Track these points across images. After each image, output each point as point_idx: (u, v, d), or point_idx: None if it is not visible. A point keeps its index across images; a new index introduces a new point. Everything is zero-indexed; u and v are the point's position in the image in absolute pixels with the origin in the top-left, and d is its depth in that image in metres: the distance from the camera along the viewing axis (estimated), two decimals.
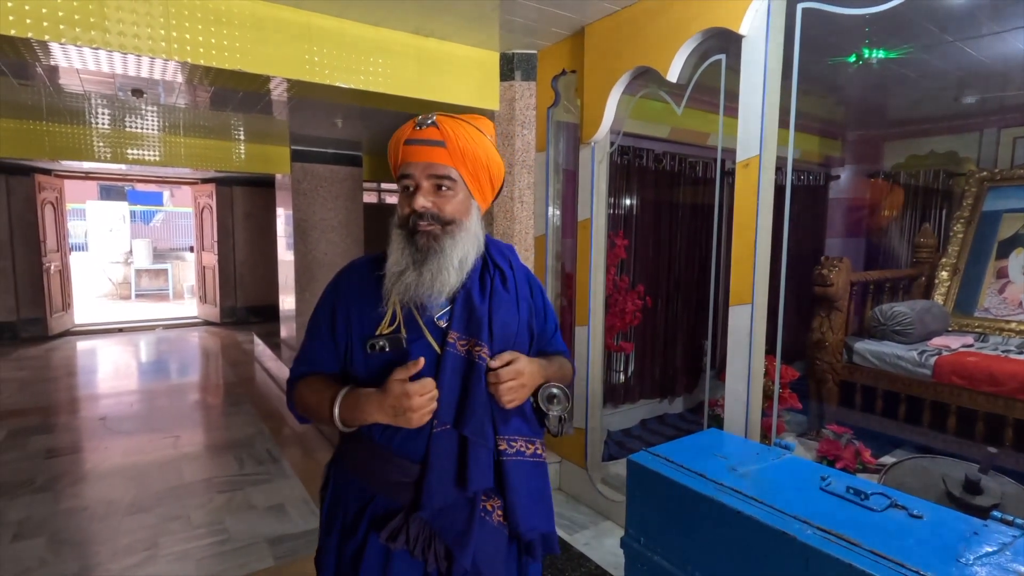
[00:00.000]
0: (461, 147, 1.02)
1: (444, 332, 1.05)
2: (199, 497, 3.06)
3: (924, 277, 3.89)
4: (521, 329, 1.12)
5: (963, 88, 3.66)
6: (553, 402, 1.10)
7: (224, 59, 2.24)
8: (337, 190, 5.74)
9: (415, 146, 1.02)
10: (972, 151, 4.23)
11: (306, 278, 5.64)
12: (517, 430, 1.09)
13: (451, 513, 1.03)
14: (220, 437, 3.99)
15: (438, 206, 1.02)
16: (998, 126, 4.08)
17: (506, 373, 1.03)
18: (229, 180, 8.00)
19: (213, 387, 5.36)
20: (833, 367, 3.21)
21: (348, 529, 1.08)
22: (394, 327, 1.05)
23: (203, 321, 8.56)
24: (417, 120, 1.04)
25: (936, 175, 4.33)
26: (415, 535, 1.01)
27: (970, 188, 3.92)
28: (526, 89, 2.81)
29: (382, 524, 1.03)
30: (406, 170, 1.03)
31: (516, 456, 1.07)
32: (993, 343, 3.29)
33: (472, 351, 1.04)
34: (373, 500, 1.06)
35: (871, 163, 4.72)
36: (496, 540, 1.05)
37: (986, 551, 1.15)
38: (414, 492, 1.02)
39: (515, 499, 1.05)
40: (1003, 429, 2.67)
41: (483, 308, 1.06)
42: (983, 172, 3.94)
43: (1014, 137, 4.03)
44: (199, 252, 8.59)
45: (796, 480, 1.49)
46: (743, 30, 1.82)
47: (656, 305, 3.61)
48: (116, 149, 4.90)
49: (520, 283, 1.16)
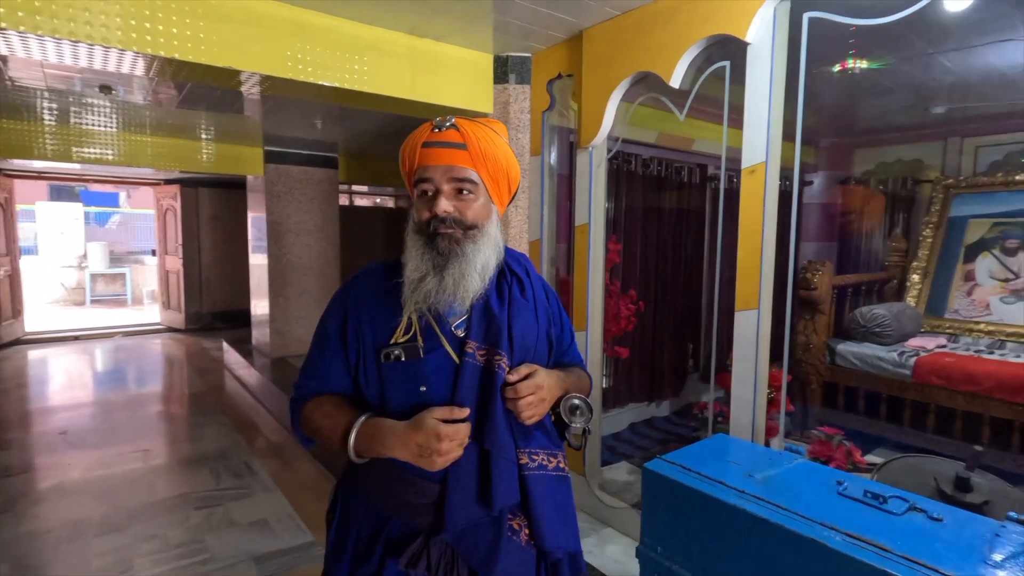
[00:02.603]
0: (483, 150, 0.98)
1: (462, 342, 1.00)
2: (175, 514, 2.91)
3: (896, 280, 4.03)
4: (540, 338, 1.09)
5: (932, 99, 3.81)
6: (576, 414, 1.05)
7: (201, 53, 2.12)
8: (312, 192, 5.59)
9: (435, 149, 0.98)
10: (937, 159, 4.42)
11: (280, 282, 5.46)
12: (539, 443, 1.05)
13: (475, 534, 0.97)
14: (192, 450, 3.81)
15: (459, 210, 0.98)
16: (961, 135, 4.27)
17: (525, 387, 0.98)
18: (195, 181, 7.70)
19: (181, 397, 5.13)
20: (817, 369, 3.28)
21: (361, 554, 1.01)
22: (410, 336, 1.00)
23: (166, 328, 8.20)
24: (435, 123, 1.00)
25: (904, 182, 4.51)
26: (436, 559, 0.95)
27: (937, 195, 4.09)
28: (521, 92, 2.78)
29: (399, 548, 0.97)
30: (424, 174, 0.98)
31: (539, 470, 1.03)
32: (964, 343, 3.43)
33: (492, 361, 1.00)
34: (389, 522, 1.00)
35: (843, 169, 4.88)
36: (524, 561, 1.00)
37: (1011, 552, 1.18)
38: (434, 513, 0.97)
39: (540, 516, 1.00)
40: (981, 427, 2.78)
41: (502, 316, 1.02)
42: (949, 179, 4.12)
43: (976, 146, 4.23)
44: (162, 256, 8.23)
45: (813, 485, 1.50)
46: (749, 37, 1.84)
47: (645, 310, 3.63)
48: (76, 147, 4.64)
49: (538, 291, 1.12)
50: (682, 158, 3.88)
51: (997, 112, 3.95)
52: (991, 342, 3.37)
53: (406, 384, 0.99)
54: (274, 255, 5.41)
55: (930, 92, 3.65)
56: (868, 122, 4.53)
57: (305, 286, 5.62)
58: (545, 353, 1.10)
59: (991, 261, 3.69)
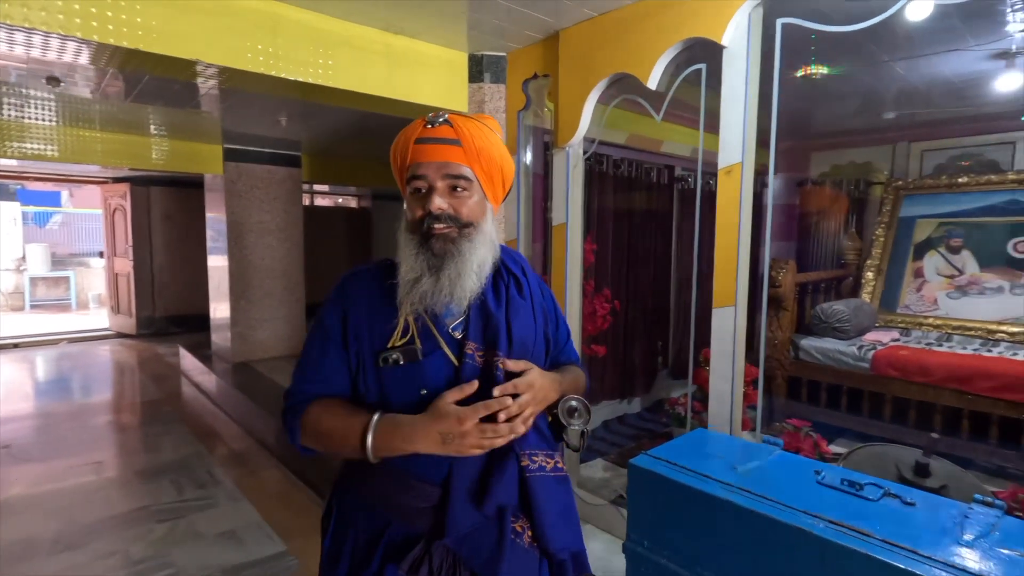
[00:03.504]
0: (477, 146, 0.96)
1: (461, 343, 0.99)
2: (136, 528, 2.76)
3: (852, 277, 4.22)
4: (538, 337, 1.08)
5: (884, 104, 4.01)
6: (574, 415, 1.05)
7: (154, 42, 1.99)
8: (275, 191, 5.42)
9: (428, 145, 0.95)
10: (887, 162, 4.66)
11: (242, 285, 5.28)
12: (536, 444, 1.04)
13: (478, 537, 0.95)
14: (151, 460, 3.63)
15: (454, 208, 0.96)
16: (909, 140, 4.51)
17: (522, 385, 0.97)
18: (146, 179, 7.35)
19: (134, 405, 4.88)
20: (782, 364, 3.40)
21: (360, 560, 0.98)
22: (407, 339, 0.97)
23: (116, 333, 7.80)
24: (428, 118, 0.97)
25: (857, 183, 4.72)
26: (438, 564, 0.93)
27: (888, 196, 4.30)
28: (496, 92, 2.77)
29: (400, 553, 0.94)
30: (417, 170, 0.96)
31: (539, 472, 1.01)
32: (915, 337, 3.62)
33: (491, 362, 0.98)
34: (388, 527, 0.97)
35: (800, 171, 5.08)
36: (528, 563, 0.98)
37: (980, 532, 1.24)
38: (435, 517, 0.95)
39: (542, 517, 0.98)
40: (934, 415, 2.93)
41: (500, 316, 1.01)
42: (898, 181, 4.34)
43: (922, 150, 4.48)
44: (110, 258, 7.83)
45: (793, 475, 1.55)
46: (725, 41, 1.88)
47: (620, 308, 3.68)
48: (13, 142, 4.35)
49: (534, 289, 1.11)
50: (651, 159, 3.96)
51: (942, 118, 4.19)
52: (939, 335, 3.57)
53: (406, 388, 0.97)
54: (235, 256, 5.22)
55: (882, 98, 3.84)
56: (824, 125, 4.73)
57: (268, 288, 5.45)
58: (543, 353, 1.09)
59: (938, 259, 3.91)
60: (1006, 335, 3.37)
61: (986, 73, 3.18)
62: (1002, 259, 3.63)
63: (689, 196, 4.26)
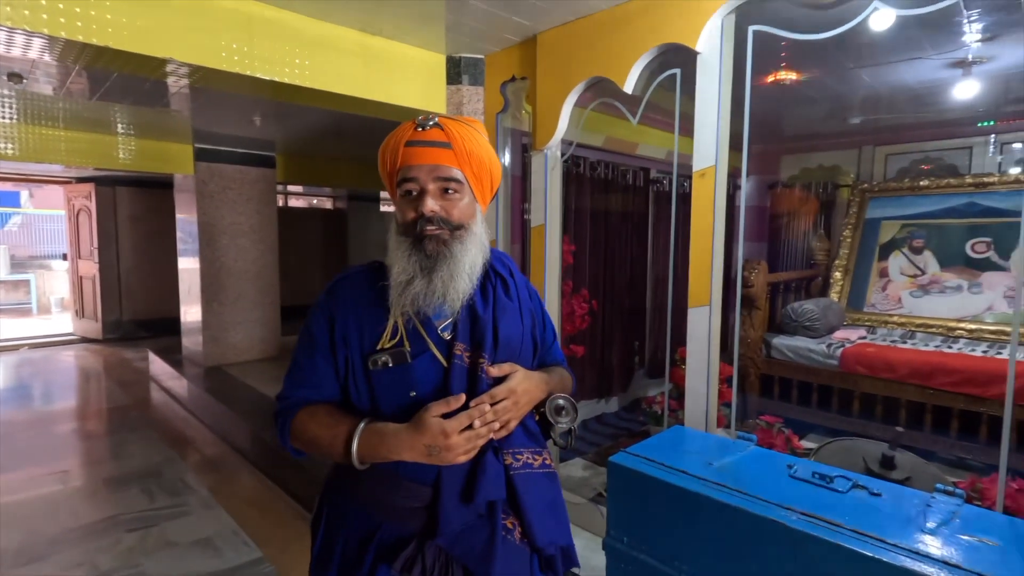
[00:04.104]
0: (467, 148, 0.98)
1: (449, 344, 1.00)
2: (104, 538, 2.69)
3: (821, 277, 4.34)
4: (525, 339, 1.09)
5: (850, 109, 4.15)
6: (561, 414, 1.07)
7: (124, 40, 1.95)
8: (248, 192, 5.32)
9: (419, 148, 0.97)
10: (853, 165, 4.81)
11: (214, 287, 5.17)
12: (522, 443, 1.05)
13: (470, 536, 0.97)
14: (119, 468, 3.53)
15: (445, 210, 0.97)
16: (874, 144, 4.67)
17: (500, 392, 0.98)
18: (111, 179, 7.14)
19: (100, 412, 4.74)
20: (755, 362, 3.48)
21: (350, 562, 0.99)
22: (396, 341, 0.98)
23: (80, 338, 7.56)
24: (417, 121, 0.99)
25: (825, 186, 4.87)
26: (431, 563, 0.94)
27: (855, 198, 4.44)
28: (474, 94, 2.78)
29: (391, 554, 0.95)
30: (409, 173, 0.97)
31: (524, 469, 1.03)
32: (881, 334, 3.74)
33: (477, 363, 1.00)
34: (379, 528, 0.98)
35: (771, 174, 5.21)
36: (520, 559, 1.01)
37: (942, 520, 1.30)
38: (426, 517, 0.96)
39: (530, 513, 1.01)
40: (899, 410, 3.04)
41: (487, 317, 1.02)
42: (864, 184, 4.49)
43: (886, 154, 4.64)
44: (74, 260, 7.58)
45: (767, 470, 1.59)
46: (699, 47, 1.93)
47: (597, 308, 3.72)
48: None
49: (521, 291, 1.13)
50: (627, 162, 4.01)
51: (904, 123, 4.35)
52: (903, 332, 3.70)
53: (395, 390, 0.97)
54: (207, 258, 5.11)
55: (848, 103, 3.97)
56: (793, 129, 4.86)
57: (242, 291, 5.35)
58: (530, 354, 1.11)
59: (901, 259, 4.05)
60: (965, 332, 3.51)
61: (944, 81, 3.32)
62: (961, 259, 3.78)
63: (664, 198, 4.33)
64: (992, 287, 3.60)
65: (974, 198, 3.86)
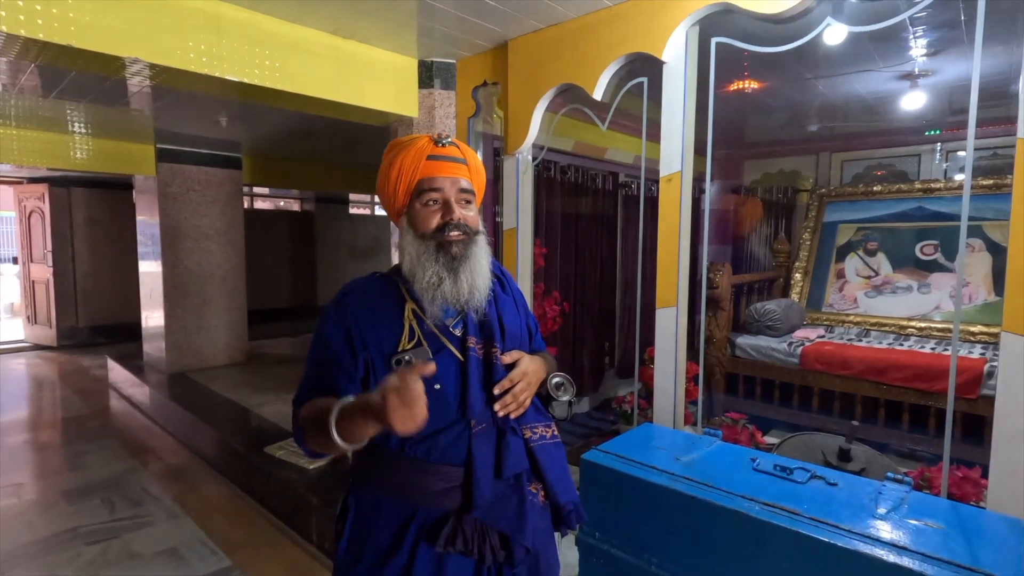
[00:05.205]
0: (475, 165, 1.14)
1: (462, 339, 1.10)
2: (63, 552, 2.59)
3: (782, 279, 4.50)
4: (523, 328, 1.22)
5: (808, 117, 4.33)
6: (561, 389, 1.19)
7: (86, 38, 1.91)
8: (213, 194, 5.20)
9: (442, 162, 1.08)
10: (811, 171, 5.01)
11: (177, 292, 5.03)
12: (534, 419, 1.16)
13: (501, 504, 1.07)
14: (77, 479, 3.41)
15: (466, 219, 1.09)
16: (830, 151, 4.88)
17: (516, 376, 1.10)
18: (66, 180, 6.88)
19: (56, 422, 4.55)
20: (720, 361, 3.59)
21: (386, 551, 1.05)
22: (415, 342, 1.06)
23: (32, 345, 7.24)
24: (434, 137, 1.10)
25: (786, 191, 5.06)
26: (471, 534, 1.03)
27: (813, 202, 4.63)
28: (446, 98, 2.80)
29: (432, 534, 1.03)
30: (434, 184, 1.07)
31: (540, 440, 1.15)
32: (839, 333, 3.91)
33: (490, 353, 1.11)
34: (416, 513, 1.05)
35: (734, 179, 5.38)
36: (544, 518, 1.14)
37: (892, 506, 1.38)
38: (461, 494, 1.05)
39: (551, 478, 1.13)
40: (855, 405, 3.18)
41: (492, 312, 1.14)
42: (822, 189, 4.68)
43: (842, 160, 4.85)
44: (26, 264, 7.26)
45: (731, 463, 1.66)
46: (665, 57, 2.00)
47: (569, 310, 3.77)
48: None
49: (513, 287, 1.27)
50: (596, 166, 4.09)
51: (858, 131, 4.56)
52: (859, 331, 3.87)
53: None
54: (169, 262, 4.97)
55: (806, 111, 4.14)
56: (755, 136, 5.04)
57: (207, 295, 5.22)
58: (527, 341, 1.24)
59: (857, 261, 4.24)
60: (915, 330, 3.70)
61: (894, 92, 3.50)
62: (911, 261, 3.99)
63: (632, 201, 4.43)
64: (939, 287, 3.81)
65: (922, 203, 4.08)
